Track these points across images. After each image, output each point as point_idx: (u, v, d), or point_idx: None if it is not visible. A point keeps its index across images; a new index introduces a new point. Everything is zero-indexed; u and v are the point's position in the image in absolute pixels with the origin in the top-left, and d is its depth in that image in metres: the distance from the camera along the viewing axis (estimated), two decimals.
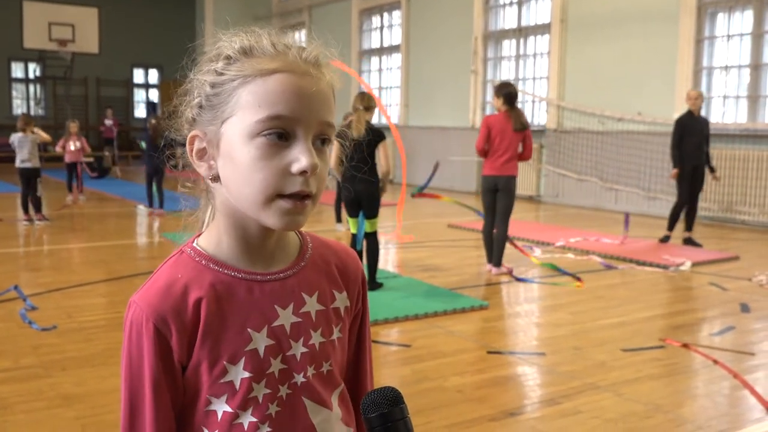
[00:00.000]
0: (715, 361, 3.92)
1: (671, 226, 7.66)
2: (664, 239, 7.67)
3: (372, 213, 5.33)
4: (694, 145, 7.44)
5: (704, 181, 7.68)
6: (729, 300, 5.36)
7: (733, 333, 4.53)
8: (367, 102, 5.30)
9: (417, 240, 7.77)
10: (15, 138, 8.78)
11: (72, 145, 10.92)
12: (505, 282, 5.92)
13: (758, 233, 8.54)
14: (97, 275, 5.89)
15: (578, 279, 5.91)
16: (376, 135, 5.21)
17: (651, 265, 6.52)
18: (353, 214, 5.42)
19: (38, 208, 8.84)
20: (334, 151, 4.49)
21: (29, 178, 8.74)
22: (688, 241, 7.61)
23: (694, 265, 6.58)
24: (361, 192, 5.24)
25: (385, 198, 5.59)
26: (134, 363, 0.93)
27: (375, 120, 5.39)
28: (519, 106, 6.27)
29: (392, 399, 0.89)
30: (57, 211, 9.83)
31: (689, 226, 7.70)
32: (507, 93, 5.97)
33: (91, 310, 4.85)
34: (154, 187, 9.64)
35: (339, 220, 8.61)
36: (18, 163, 8.78)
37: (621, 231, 7.80)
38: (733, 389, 3.58)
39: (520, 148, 6.02)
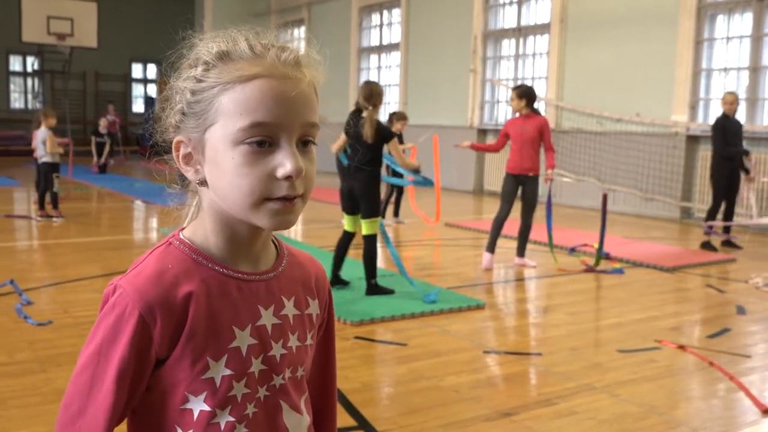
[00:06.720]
0: (711, 363, 3.92)
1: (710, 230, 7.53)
2: (707, 246, 7.45)
3: (367, 212, 5.07)
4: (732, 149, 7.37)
5: (740, 186, 7.60)
6: (725, 302, 5.36)
7: (729, 335, 4.53)
8: (373, 100, 4.97)
9: (414, 238, 7.76)
10: (36, 133, 8.55)
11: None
12: (501, 281, 5.92)
13: (755, 235, 8.55)
14: (93, 270, 5.87)
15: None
16: (381, 136, 4.96)
17: (649, 266, 6.53)
18: (347, 209, 5.18)
19: (56, 205, 8.58)
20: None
21: (47, 173, 8.51)
22: (728, 243, 7.55)
23: (691, 266, 6.59)
24: (356, 187, 5.04)
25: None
26: (105, 347, 0.92)
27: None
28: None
29: None
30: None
31: (727, 229, 7.68)
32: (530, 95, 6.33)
33: (87, 305, 4.83)
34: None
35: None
36: (39, 159, 8.56)
37: (617, 232, 7.79)
38: (729, 391, 3.58)
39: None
